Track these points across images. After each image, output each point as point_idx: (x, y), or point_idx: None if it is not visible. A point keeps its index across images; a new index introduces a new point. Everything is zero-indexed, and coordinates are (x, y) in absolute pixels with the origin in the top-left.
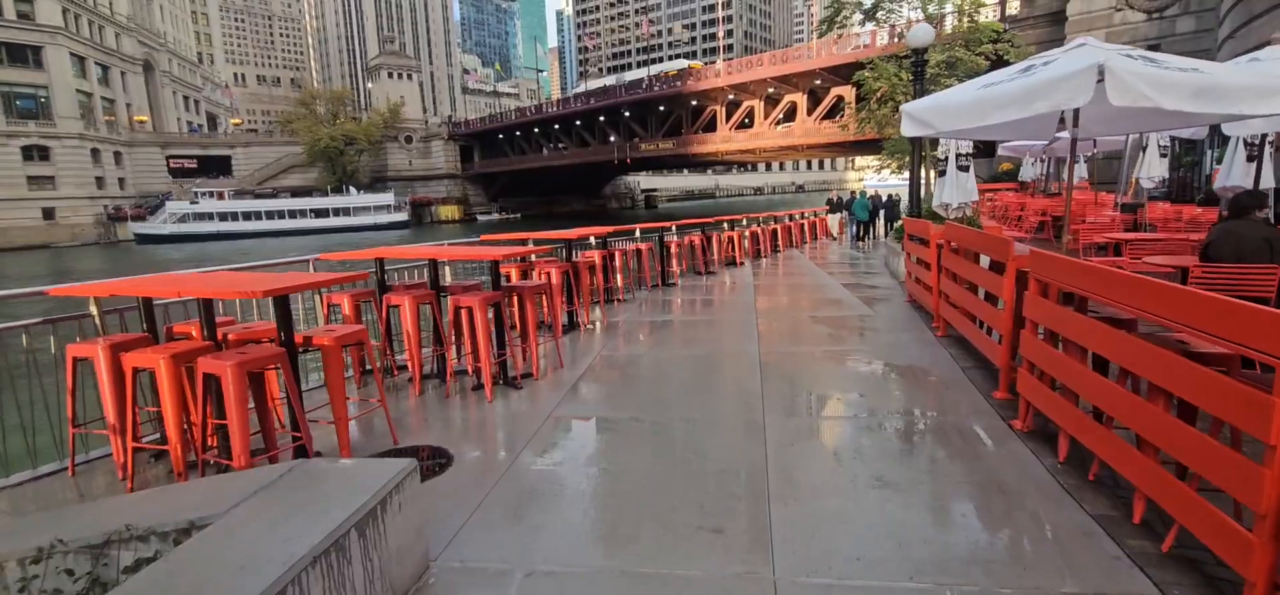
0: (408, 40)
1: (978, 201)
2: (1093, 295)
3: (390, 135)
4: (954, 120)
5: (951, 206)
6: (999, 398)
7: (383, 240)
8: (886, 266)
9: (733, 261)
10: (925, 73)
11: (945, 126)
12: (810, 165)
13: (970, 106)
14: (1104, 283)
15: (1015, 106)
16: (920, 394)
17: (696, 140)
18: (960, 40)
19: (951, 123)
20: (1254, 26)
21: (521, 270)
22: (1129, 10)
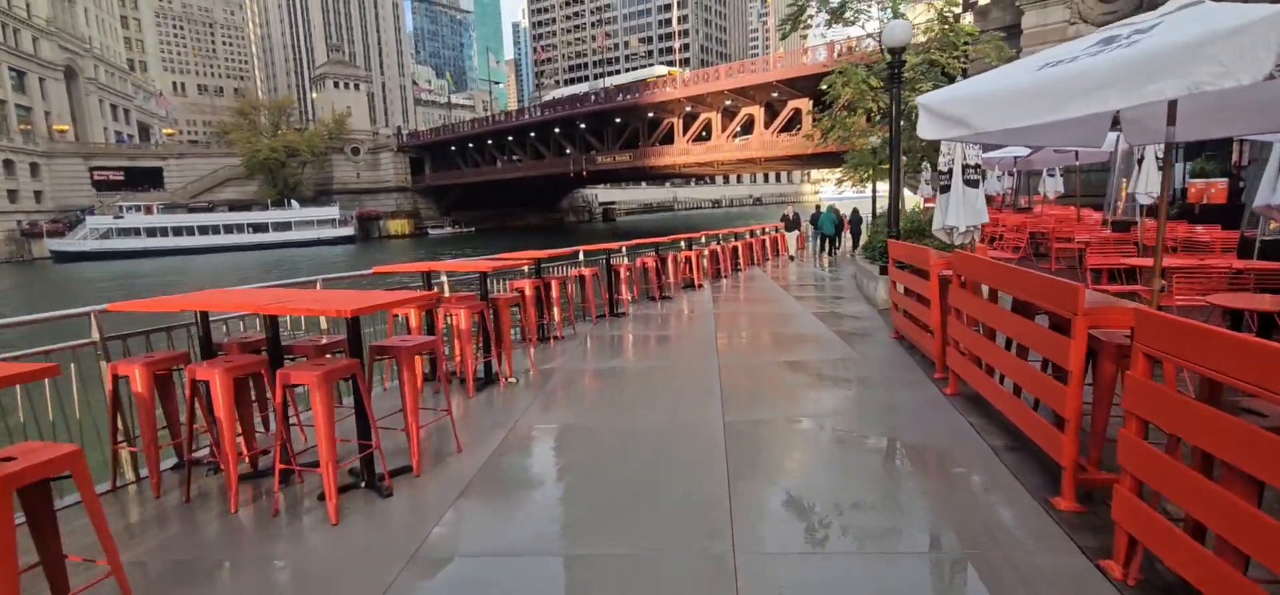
0: (357, 51)
1: (987, 224)
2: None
3: (336, 147)
4: (999, 115)
5: (958, 230)
6: (1065, 509)
7: (328, 257)
8: (859, 289)
9: (691, 284)
10: (902, 75)
11: (985, 123)
12: (768, 178)
13: (1030, 94)
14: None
15: (1116, 90)
16: (950, 500)
17: (654, 153)
18: (936, 44)
19: (994, 119)
20: None
21: (423, 310)
22: (1083, 24)
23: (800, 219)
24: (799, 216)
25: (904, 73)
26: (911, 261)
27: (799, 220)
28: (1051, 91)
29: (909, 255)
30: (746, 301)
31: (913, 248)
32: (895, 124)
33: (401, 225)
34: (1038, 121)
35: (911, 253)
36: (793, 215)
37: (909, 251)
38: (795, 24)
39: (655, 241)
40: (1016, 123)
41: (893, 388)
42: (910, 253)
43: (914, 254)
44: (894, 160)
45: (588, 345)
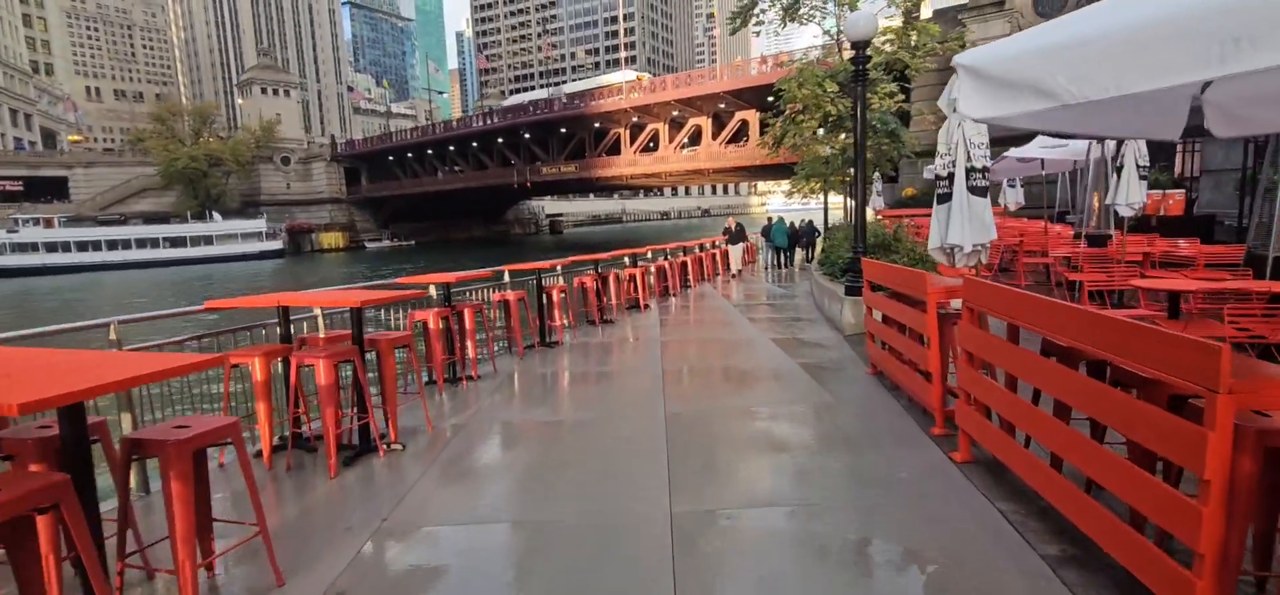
0: (291, 57)
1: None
2: None
3: (264, 156)
4: (1105, 74)
5: (962, 250)
6: None
7: (253, 273)
8: (820, 309)
9: (636, 304)
10: (867, 74)
11: (1079, 88)
12: (716, 190)
13: (1172, 39)
14: None
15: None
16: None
17: (600, 163)
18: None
19: (1097, 81)
20: None
21: (270, 361)
22: None
23: (745, 231)
24: (743, 228)
25: None
26: (899, 287)
27: (743, 232)
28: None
29: (894, 279)
30: (697, 325)
31: (899, 271)
32: (861, 126)
33: (335, 238)
34: (1179, 80)
35: (898, 277)
36: (735, 227)
37: (893, 275)
38: (745, 19)
39: (595, 258)
40: (1138, 85)
41: (884, 449)
42: (895, 276)
43: (902, 279)
44: (859, 166)
45: (506, 390)
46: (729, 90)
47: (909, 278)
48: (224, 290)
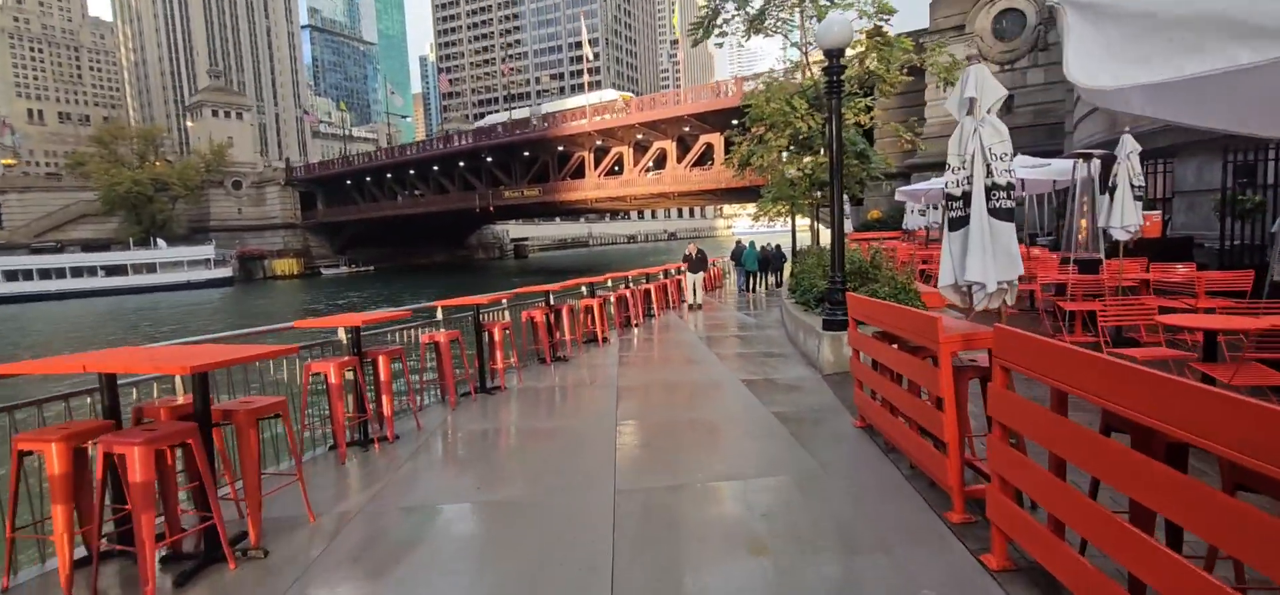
0: (248, 80)
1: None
2: None
3: (215, 180)
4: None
5: (984, 289)
6: None
7: (197, 304)
8: (791, 341)
9: (594, 338)
10: (841, 86)
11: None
12: (682, 213)
13: None
14: None
15: None
16: None
17: (565, 187)
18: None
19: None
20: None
21: (70, 448)
22: (984, 62)
23: (707, 258)
24: (704, 255)
25: None
26: (898, 331)
27: (705, 259)
28: None
29: (891, 320)
30: (660, 363)
31: (898, 311)
32: (836, 142)
33: (288, 265)
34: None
35: (896, 318)
36: (696, 253)
37: (890, 315)
38: (707, 30)
39: (546, 290)
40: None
41: (892, 547)
42: (893, 317)
43: (903, 321)
44: (836, 187)
45: (425, 455)
46: (693, 113)
47: (913, 321)
48: (169, 320)
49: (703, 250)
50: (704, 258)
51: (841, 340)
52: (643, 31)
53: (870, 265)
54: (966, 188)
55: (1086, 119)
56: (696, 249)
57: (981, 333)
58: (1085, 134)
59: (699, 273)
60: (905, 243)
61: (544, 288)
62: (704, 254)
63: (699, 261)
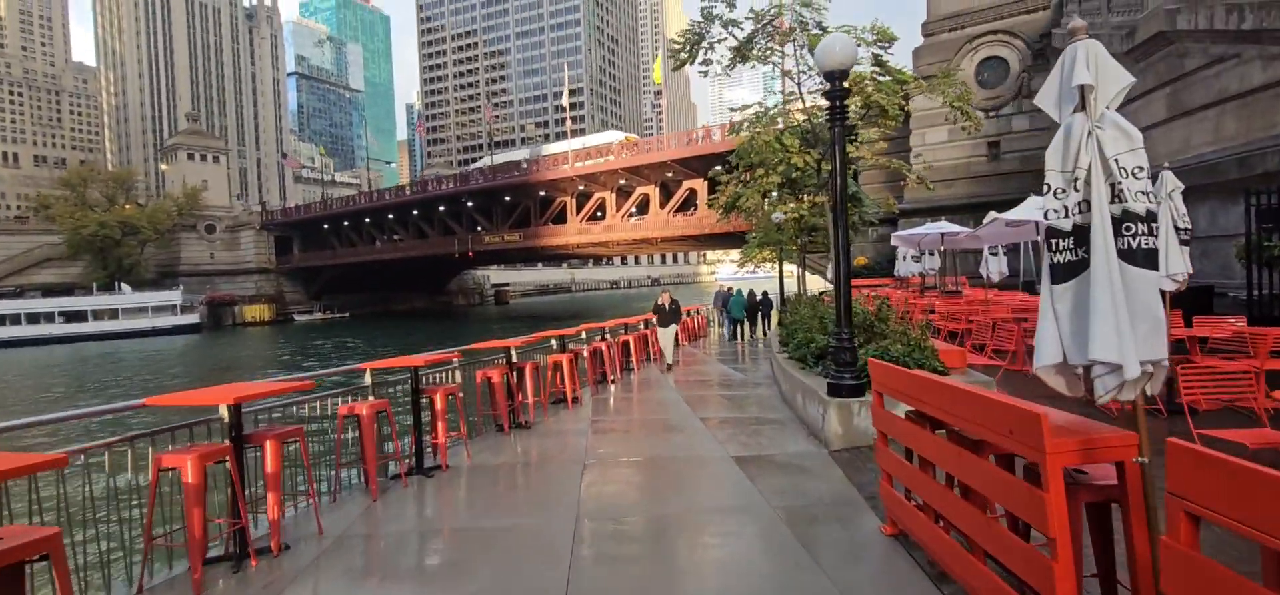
0: (231, 124)
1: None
2: None
3: (187, 224)
4: None
5: (1125, 373)
6: None
7: (160, 352)
8: (787, 403)
9: (563, 398)
10: (845, 110)
11: None
12: (665, 259)
13: None
14: None
15: None
16: None
17: (546, 232)
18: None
19: None
20: None
21: None
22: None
23: (680, 309)
24: (677, 305)
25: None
26: (958, 419)
27: (678, 310)
28: None
29: (940, 400)
30: (637, 431)
31: (950, 391)
32: (840, 175)
33: (259, 311)
34: None
35: (948, 398)
36: (667, 304)
37: (936, 393)
38: (692, 55)
39: (507, 345)
40: None
41: None
42: (942, 396)
43: (962, 405)
44: (840, 224)
45: (312, 580)
46: (676, 158)
47: (988, 412)
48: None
49: (676, 299)
50: (677, 309)
51: (852, 409)
52: (627, 81)
53: (876, 317)
54: (1080, 218)
55: None
56: (668, 298)
57: (1105, 436)
58: None
59: (670, 325)
60: (898, 290)
61: (504, 343)
62: (677, 304)
63: (670, 313)
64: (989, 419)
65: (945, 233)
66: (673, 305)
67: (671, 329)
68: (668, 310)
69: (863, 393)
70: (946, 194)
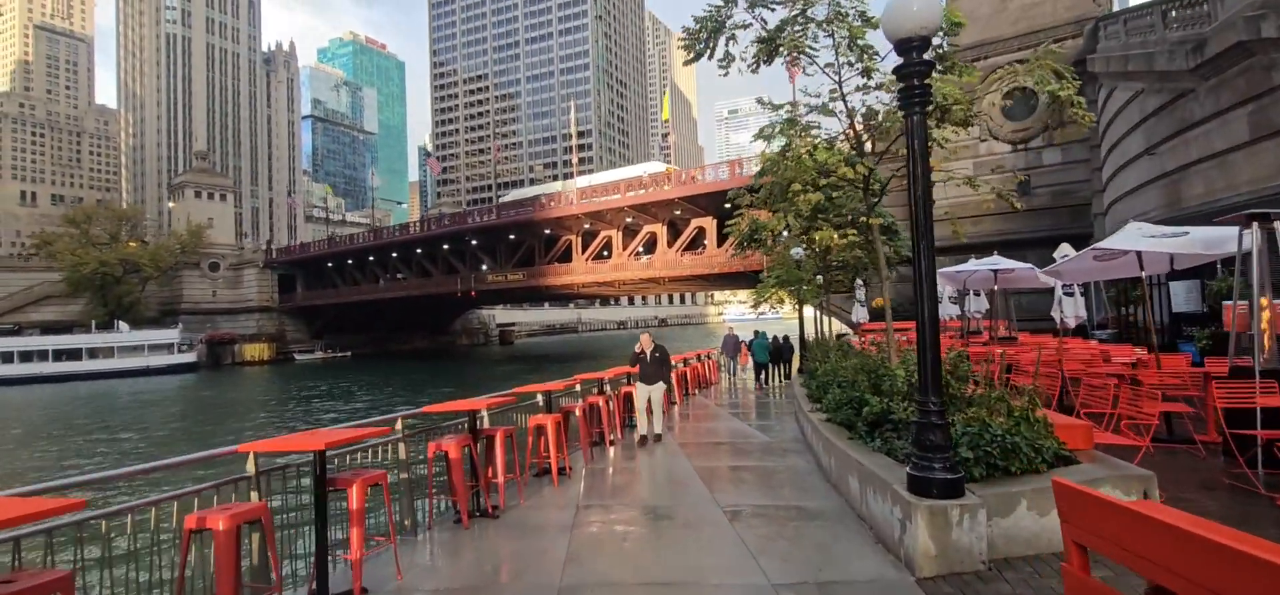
0: (245, 165)
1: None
2: None
3: (190, 261)
4: None
5: None
6: None
7: (154, 391)
8: (830, 482)
9: (546, 470)
10: (926, 90)
11: None
12: (672, 299)
13: None
14: None
15: None
16: None
17: (551, 271)
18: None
19: None
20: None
21: None
22: (994, 141)
23: (668, 359)
24: (665, 354)
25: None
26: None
27: (666, 360)
28: None
29: None
30: (639, 531)
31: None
32: (920, 178)
33: (259, 350)
34: None
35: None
36: (651, 352)
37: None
38: (711, 46)
39: (473, 407)
40: None
41: None
42: None
43: None
44: (923, 237)
45: None
46: (683, 196)
47: None
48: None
49: (662, 346)
50: (664, 359)
51: (949, 517)
52: (635, 123)
53: (951, 376)
54: None
55: (1134, 194)
56: (650, 343)
57: None
58: (1115, 222)
59: (656, 383)
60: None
61: (469, 405)
62: (665, 352)
63: (655, 365)
64: None
65: (1000, 269)
66: (658, 354)
67: (659, 387)
68: (650, 361)
69: (962, 491)
70: (973, 231)
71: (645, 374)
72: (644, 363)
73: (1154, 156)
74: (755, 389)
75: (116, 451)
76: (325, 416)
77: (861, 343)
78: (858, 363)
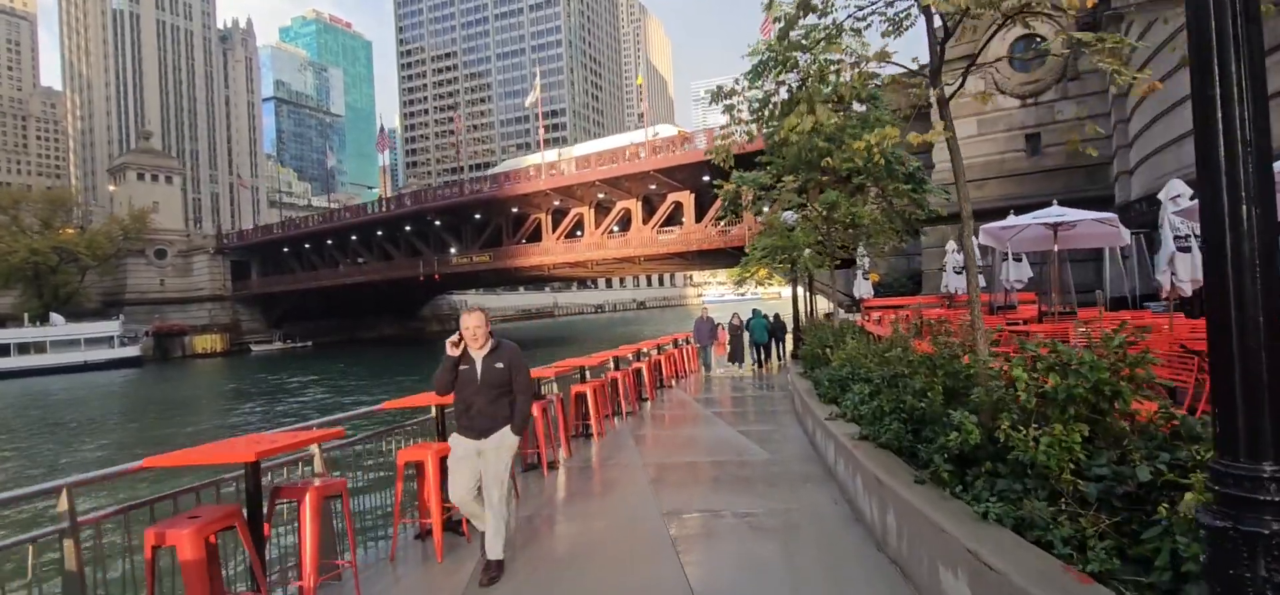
0: (202, 149)
1: None
2: None
3: (135, 248)
4: None
5: None
6: None
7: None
8: (877, 537)
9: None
10: None
11: None
12: (650, 281)
13: None
14: None
15: None
16: None
17: (519, 252)
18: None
19: None
20: None
21: None
22: (1000, 95)
23: (524, 371)
24: (515, 364)
25: None
26: None
27: (517, 380)
28: None
29: None
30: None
31: None
32: None
33: (211, 342)
34: None
35: None
36: (484, 361)
37: None
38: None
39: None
40: None
41: None
42: None
43: None
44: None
45: None
46: (658, 169)
47: None
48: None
49: (511, 348)
50: (510, 374)
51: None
52: (609, 102)
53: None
54: None
55: (1178, 143)
56: (484, 335)
57: None
58: (1150, 178)
59: (491, 438)
60: (947, 310)
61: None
62: (514, 358)
63: (489, 389)
64: None
65: (1060, 222)
66: (499, 363)
67: (499, 445)
68: (481, 381)
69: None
70: (977, 195)
71: (468, 410)
72: (467, 384)
73: None
74: (758, 372)
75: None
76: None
77: (866, 322)
78: (862, 345)
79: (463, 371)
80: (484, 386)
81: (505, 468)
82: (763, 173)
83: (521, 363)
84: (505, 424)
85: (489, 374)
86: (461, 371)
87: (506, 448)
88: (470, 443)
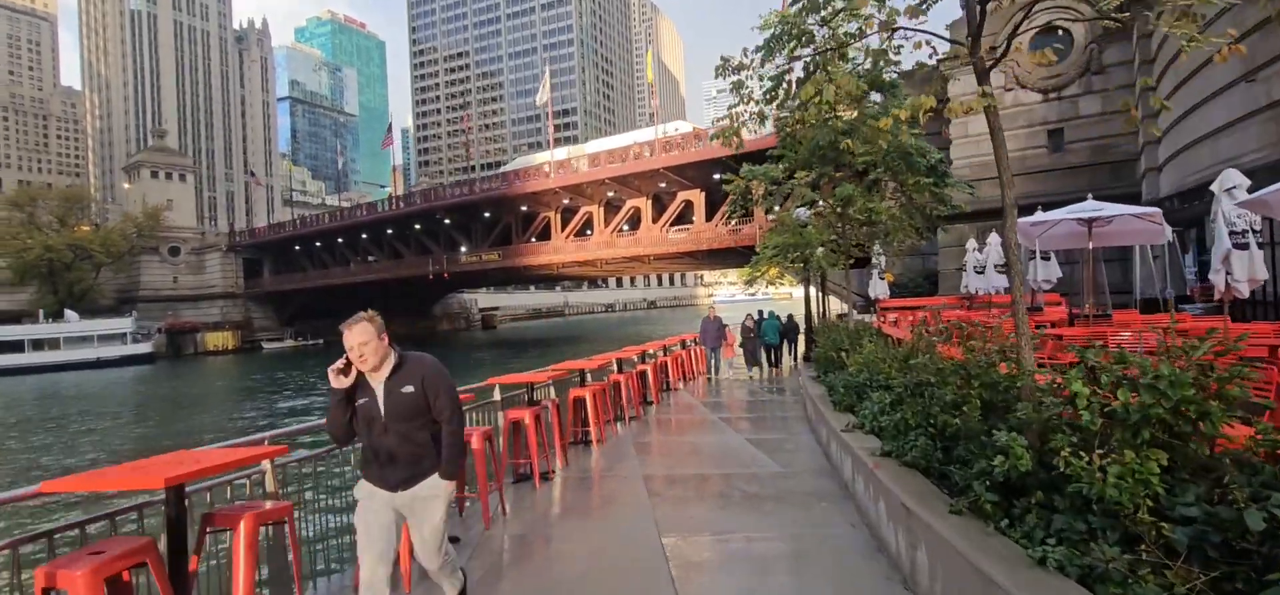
0: (218, 148)
1: None
2: None
3: (149, 246)
4: None
5: None
6: None
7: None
8: (904, 573)
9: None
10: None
11: None
12: (661, 280)
13: None
14: None
15: None
16: None
17: (528, 251)
18: None
19: None
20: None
21: None
22: (1021, 90)
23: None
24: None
25: None
26: None
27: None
28: None
29: None
30: None
31: None
32: None
33: (223, 339)
34: None
35: None
36: (389, 386)
37: None
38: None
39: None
40: None
41: None
42: None
43: None
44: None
45: None
46: (668, 166)
47: None
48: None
49: (433, 364)
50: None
51: None
52: (621, 101)
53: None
54: None
55: (1218, 135)
56: (376, 348)
57: None
58: (1182, 174)
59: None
60: (967, 312)
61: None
62: (439, 380)
63: (399, 427)
64: None
65: (1096, 217)
66: (407, 385)
67: (430, 504)
68: (384, 414)
69: None
70: (993, 195)
71: (376, 456)
72: (369, 422)
73: (1254, 84)
74: (772, 374)
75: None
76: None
77: (881, 323)
78: (924, 360)
79: (360, 406)
80: (392, 421)
81: (440, 525)
82: (774, 166)
83: (441, 379)
84: (431, 469)
85: (395, 404)
86: (359, 406)
87: (439, 499)
88: (384, 495)
